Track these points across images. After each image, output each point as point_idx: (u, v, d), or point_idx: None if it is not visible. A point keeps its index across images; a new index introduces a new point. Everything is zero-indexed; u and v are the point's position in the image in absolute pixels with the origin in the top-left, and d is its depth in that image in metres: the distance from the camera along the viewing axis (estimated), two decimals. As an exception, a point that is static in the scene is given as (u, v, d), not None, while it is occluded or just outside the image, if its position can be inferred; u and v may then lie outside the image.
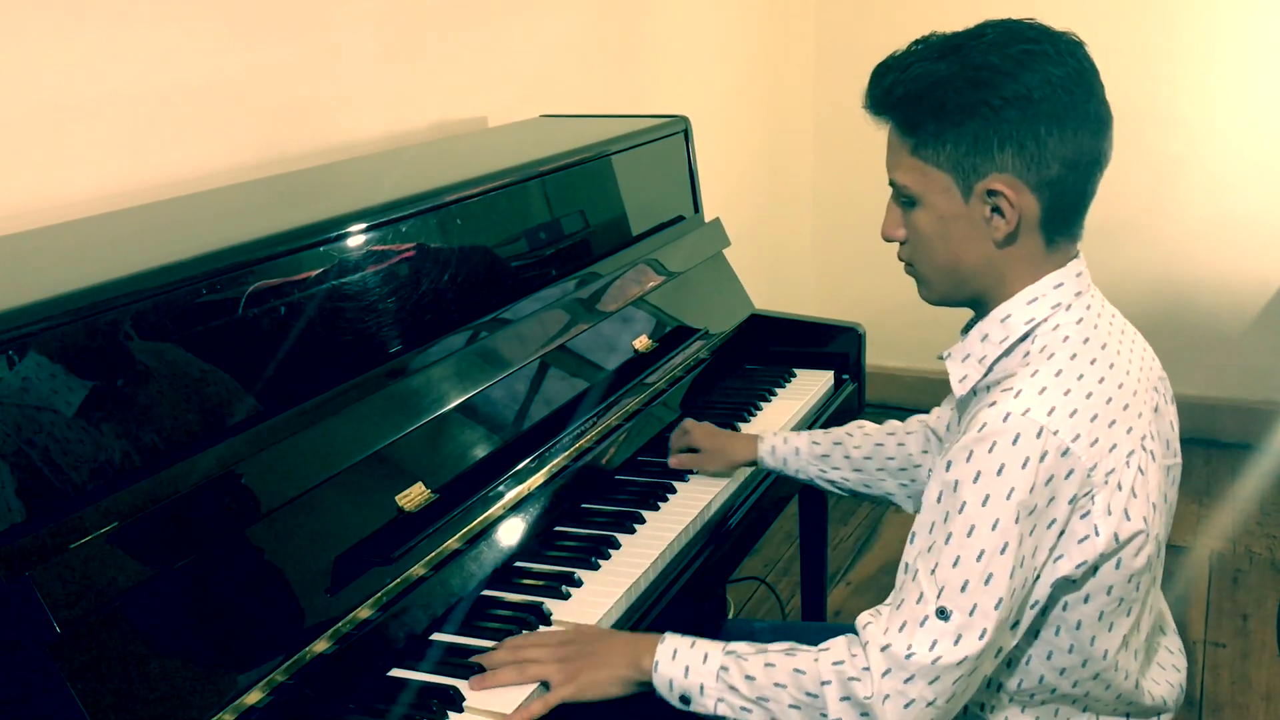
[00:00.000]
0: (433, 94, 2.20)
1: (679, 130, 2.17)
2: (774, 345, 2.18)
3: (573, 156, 1.85)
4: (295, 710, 1.13)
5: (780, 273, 3.73)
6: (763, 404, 1.99)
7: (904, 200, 1.20)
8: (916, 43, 1.17)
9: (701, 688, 1.18)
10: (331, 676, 1.17)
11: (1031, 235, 1.16)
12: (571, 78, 2.62)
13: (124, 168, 1.63)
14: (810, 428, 1.96)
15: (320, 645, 1.16)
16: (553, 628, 1.32)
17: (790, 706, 1.14)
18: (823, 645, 1.15)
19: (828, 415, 2.02)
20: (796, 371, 2.13)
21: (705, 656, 1.19)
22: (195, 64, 1.71)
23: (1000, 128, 1.11)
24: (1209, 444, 3.50)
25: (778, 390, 2.04)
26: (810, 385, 2.07)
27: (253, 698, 1.08)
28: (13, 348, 1.03)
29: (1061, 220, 1.16)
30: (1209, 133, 3.32)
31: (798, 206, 3.85)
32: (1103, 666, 1.20)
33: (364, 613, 1.22)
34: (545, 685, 1.21)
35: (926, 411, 1.62)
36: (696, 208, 2.23)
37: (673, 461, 1.68)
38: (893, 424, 1.63)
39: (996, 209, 1.14)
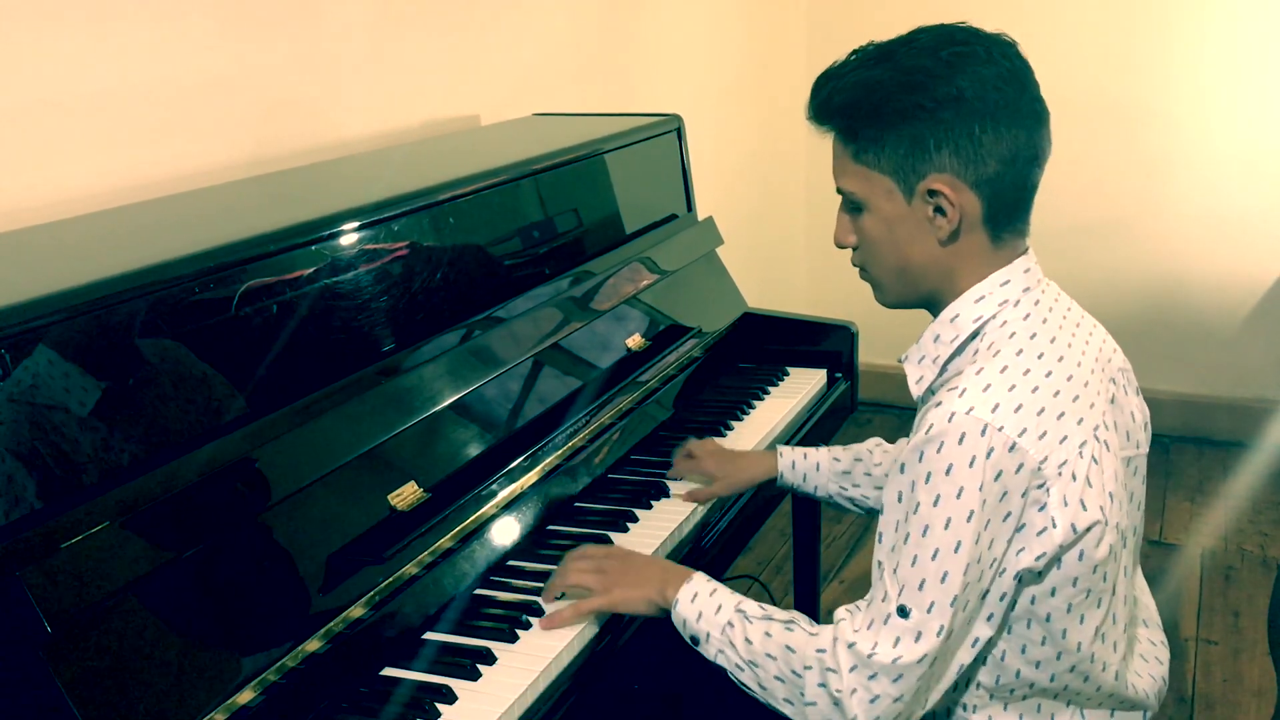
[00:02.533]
0: (425, 92, 2.20)
1: (672, 129, 2.17)
2: (767, 344, 2.18)
3: (565, 155, 1.85)
4: (288, 709, 1.13)
5: (773, 271, 3.73)
6: (756, 402, 1.99)
7: (851, 206, 1.24)
8: (854, 52, 1.22)
9: (708, 635, 1.24)
10: (324, 676, 1.17)
11: (975, 232, 1.19)
12: (564, 76, 2.62)
13: (115, 166, 1.62)
14: (804, 426, 1.97)
15: (313, 644, 1.16)
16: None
17: (776, 678, 1.19)
18: (815, 629, 1.20)
19: (821, 413, 2.02)
20: (789, 370, 2.13)
21: (719, 607, 1.25)
22: (187, 62, 1.70)
23: (936, 128, 1.14)
24: (1201, 442, 3.51)
25: (771, 389, 2.04)
26: (803, 384, 2.07)
27: (245, 697, 1.08)
28: (1, 346, 1.02)
29: (1005, 216, 1.19)
30: (1199, 131, 3.33)
31: (791, 205, 3.86)
32: (1078, 659, 1.21)
33: (356, 612, 1.22)
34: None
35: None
36: (689, 206, 2.23)
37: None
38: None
39: (938, 209, 1.17)
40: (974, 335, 1.20)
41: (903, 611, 1.12)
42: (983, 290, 1.20)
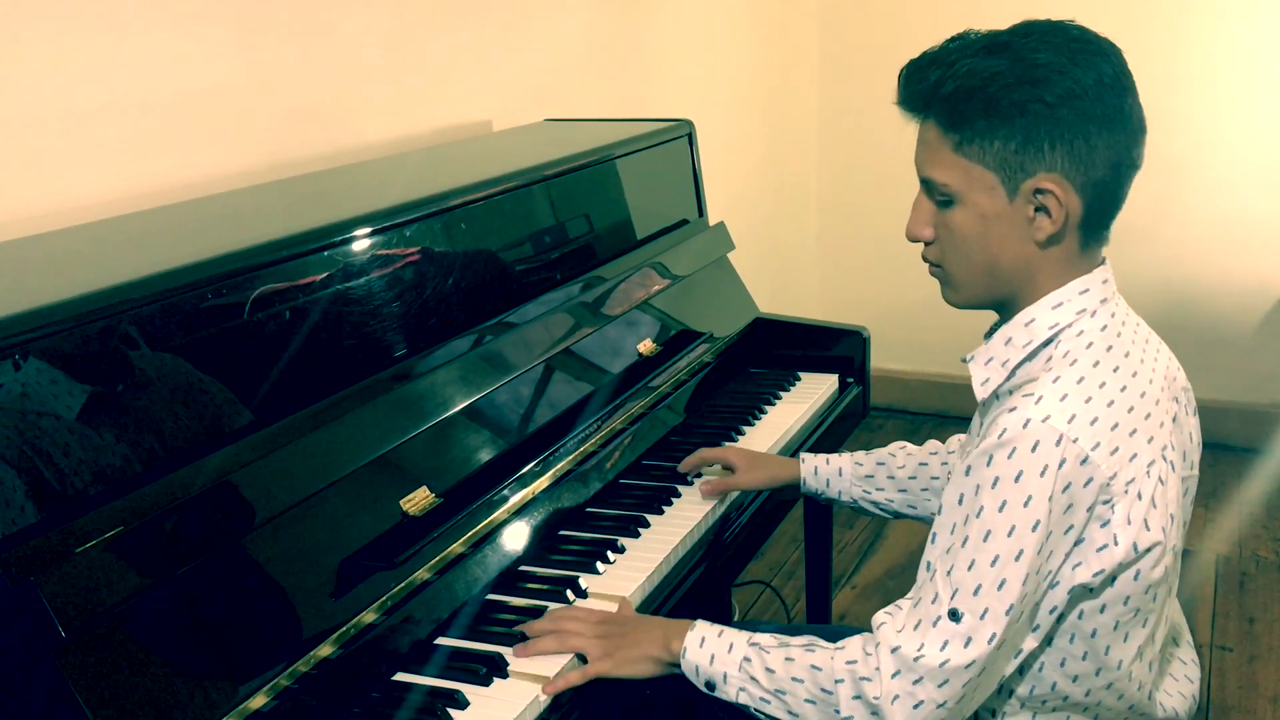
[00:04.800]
0: (438, 99, 2.20)
1: (683, 134, 2.17)
2: (778, 349, 2.18)
3: (577, 161, 1.85)
4: (300, 714, 1.13)
5: (785, 276, 3.73)
6: (767, 407, 1.99)
7: (941, 199, 1.19)
8: (953, 40, 1.16)
9: (725, 676, 1.22)
10: (336, 681, 1.17)
11: (1070, 237, 1.16)
12: (576, 82, 2.62)
13: (129, 173, 1.63)
14: (815, 431, 1.97)
15: (325, 649, 1.16)
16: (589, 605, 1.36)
17: (806, 701, 1.17)
18: (839, 643, 1.17)
19: (832, 418, 2.02)
20: (801, 375, 2.13)
21: (730, 646, 1.23)
22: (201, 69, 1.71)
23: (1053, 126, 1.10)
24: (1215, 448, 3.49)
25: (782, 394, 2.04)
26: (815, 389, 2.07)
27: (257, 702, 1.08)
28: (19, 352, 1.03)
29: (1098, 223, 1.17)
30: (1214, 136, 3.32)
31: (802, 210, 3.85)
32: (1116, 676, 1.20)
33: (368, 617, 1.22)
34: (581, 659, 1.26)
35: (932, 415, 1.63)
36: (701, 211, 2.24)
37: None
38: (934, 443, 1.61)
39: (1042, 208, 1.14)
40: (1048, 341, 1.17)
41: (954, 615, 1.09)
42: (1061, 297, 1.17)
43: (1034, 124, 1.11)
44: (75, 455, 1.06)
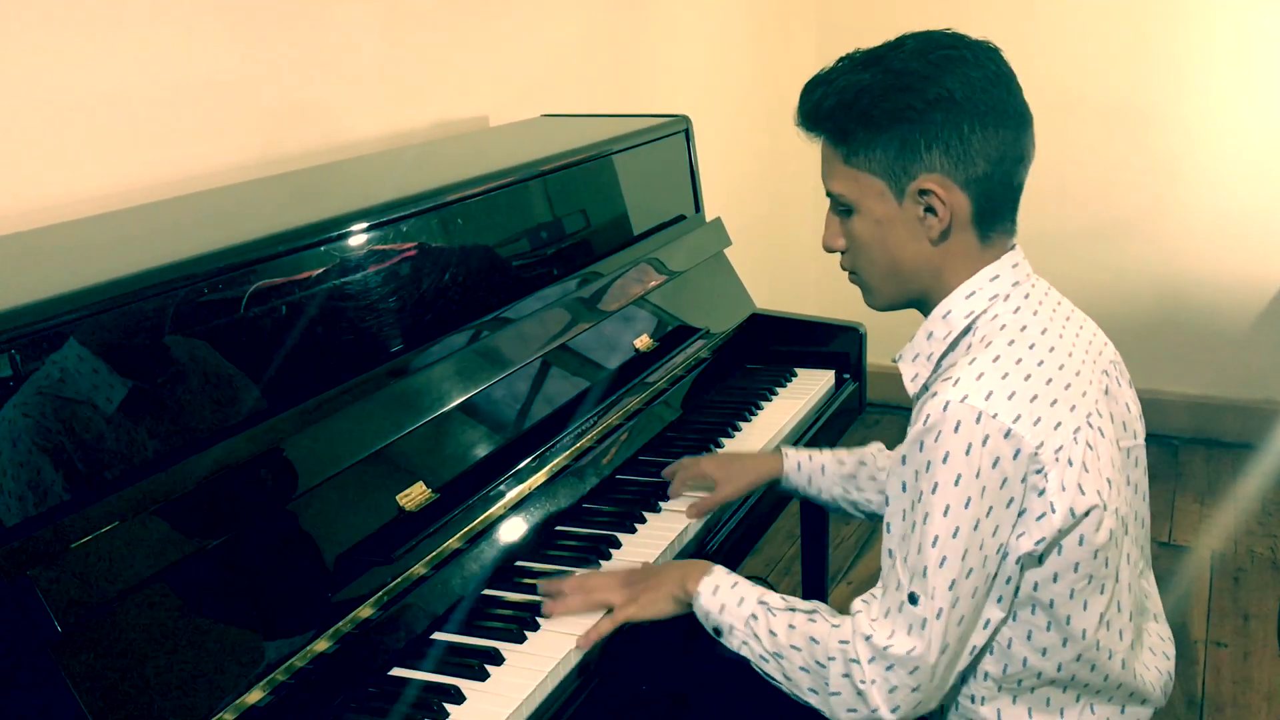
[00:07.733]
0: (434, 93, 2.20)
1: (680, 130, 2.17)
2: (775, 345, 2.18)
3: (574, 156, 1.85)
4: (296, 710, 1.13)
5: (782, 272, 3.73)
6: (764, 403, 1.99)
7: (841, 209, 1.26)
8: (842, 59, 1.23)
9: (731, 628, 1.27)
10: (332, 676, 1.18)
11: (965, 231, 1.21)
12: (573, 77, 2.62)
13: (124, 167, 1.63)
14: (811, 427, 1.97)
15: (321, 644, 1.17)
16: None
17: (801, 669, 1.21)
18: (837, 620, 1.22)
19: (829, 415, 2.02)
20: (797, 371, 2.13)
21: (741, 600, 1.27)
22: (197, 63, 1.71)
23: (926, 129, 1.16)
24: (1210, 443, 3.50)
25: (778, 390, 2.04)
26: (811, 385, 2.07)
27: (254, 697, 1.08)
28: (12, 347, 1.03)
29: (993, 215, 1.21)
30: (1209, 132, 3.32)
31: (800, 205, 3.85)
32: (1083, 646, 1.23)
33: (365, 612, 1.22)
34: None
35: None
36: (698, 207, 2.24)
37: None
38: None
39: (929, 208, 1.19)
40: (966, 330, 1.23)
41: (913, 599, 1.14)
42: (973, 286, 1.23)
43: (908, 129, 1.17)
44: (70, 450, 1.06)
